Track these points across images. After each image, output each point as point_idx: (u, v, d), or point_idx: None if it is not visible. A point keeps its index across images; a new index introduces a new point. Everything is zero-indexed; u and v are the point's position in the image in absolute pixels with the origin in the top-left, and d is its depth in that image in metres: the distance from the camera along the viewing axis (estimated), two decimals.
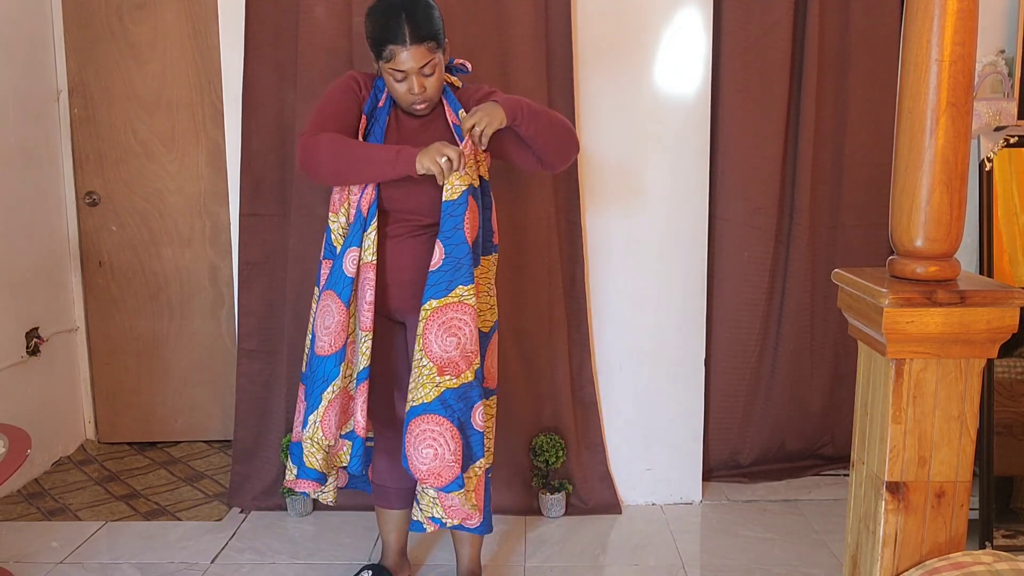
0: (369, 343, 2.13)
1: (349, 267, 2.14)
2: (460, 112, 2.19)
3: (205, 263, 3.52)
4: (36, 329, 3.25)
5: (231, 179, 2.89)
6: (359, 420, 2.14)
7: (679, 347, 2.97)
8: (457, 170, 2.03)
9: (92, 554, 2.69)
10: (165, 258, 3.51)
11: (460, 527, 2.20)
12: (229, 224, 3.02)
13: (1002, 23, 2.96)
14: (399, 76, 2.05)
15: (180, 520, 2.92)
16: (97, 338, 3.55)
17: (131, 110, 3.43)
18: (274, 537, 2.79)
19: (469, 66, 2.26)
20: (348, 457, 2.24)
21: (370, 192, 2.13)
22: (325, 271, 2.22)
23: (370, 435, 2.27)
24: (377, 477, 2.38)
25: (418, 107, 2.12)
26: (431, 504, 2.15)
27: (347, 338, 2.17)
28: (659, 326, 2.95)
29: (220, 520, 2.91)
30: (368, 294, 2.13)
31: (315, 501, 2.95)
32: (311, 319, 2.27)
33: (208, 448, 3.57)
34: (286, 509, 2.94)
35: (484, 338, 2.24)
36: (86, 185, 3.47)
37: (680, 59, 2.83)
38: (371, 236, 2.12)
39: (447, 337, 2.07)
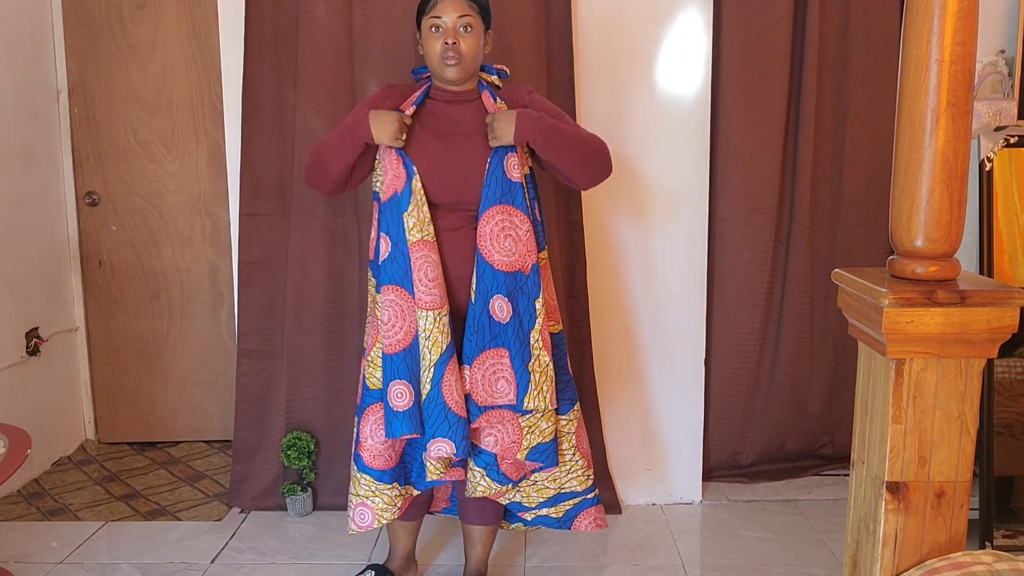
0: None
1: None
2: (499, 102, 2.20)
3: (205, 263, 3.52)
4: (36, 329, 3.25)
5: (231, 179, 2.89)
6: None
7: (679, 347, 2.97)
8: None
9: (92, 554, 2.69)
10: (165, 258, 3.51)
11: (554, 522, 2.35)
12: (229, 224, 3.02)
13: (1002, 23, 2.96)
14: (437, 26, 2.10)
15: (180, 520, 2.92)
16: (97, 338, 3.55)
17: (131, 110, 3.43)
18: (274, 537, 2.79)
19: (508, 71, 2.30)
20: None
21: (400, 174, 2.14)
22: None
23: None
24: None
25: (449, 62, 2.11)
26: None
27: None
28: (659, 326, 2.95)
29: (220, 520, 2.91)
30: (429, 271, 2.13)
31: (315, 500, 2.95)
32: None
33: (208, 448, 3.57)
34: (286, 509, 2.94)
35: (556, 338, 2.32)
36: (86, 185, 3.47)
37: (680, 59, 2.83)
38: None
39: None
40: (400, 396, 2.11)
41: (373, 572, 2.43)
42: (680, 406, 2.99)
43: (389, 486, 2.20)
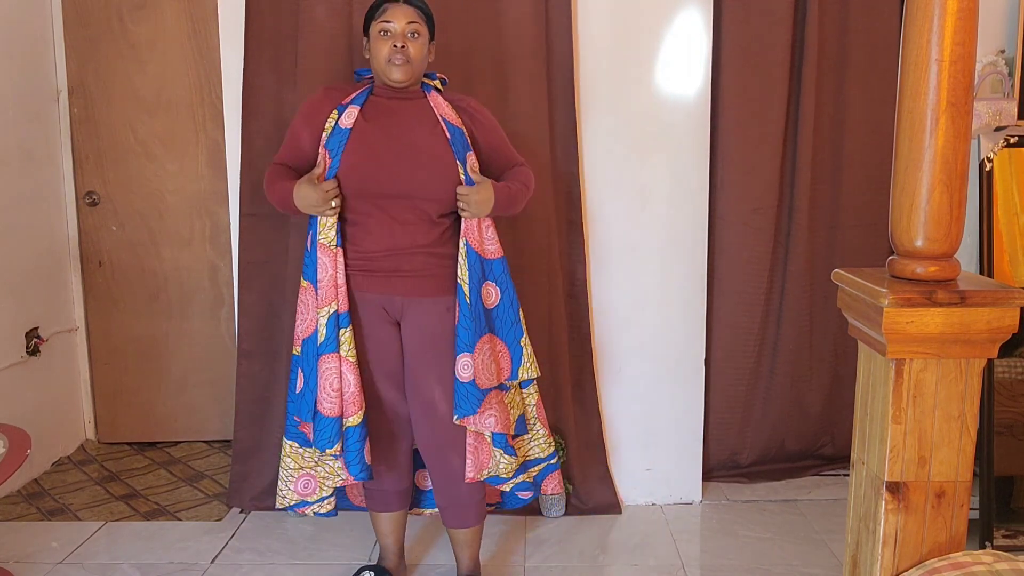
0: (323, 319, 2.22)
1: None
2: (447, 108, 2.27)
3: (205, 263, 3.52)
4: (36, 329, 3.25)
5: (231, 179, 2.89)
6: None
7: (679, 347, 2.97)
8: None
9: (92, 554, 2.69)
10: (165, 258, 3.51)
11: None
12: (229, 224, 3.02)
13: (1002, 23, 2.96)
14: (386, 31, 2.19)
15: (180, 520, 2.92)
16: (97, 338, 3.55)
17: (131, 110, 3.43)
18: (274, 537, 2.79)
19: (447, 79, 2.41)
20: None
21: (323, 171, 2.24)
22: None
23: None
24: (373, 482, 2.38)
25: (396, 62, 2.19)
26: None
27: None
28: (659, 326, 2.95)
29: (220, 520, 2.91)
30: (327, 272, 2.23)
31: None
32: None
33: (208, 448, 3.57)
34: (286, 509, 2.93)
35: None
36: (86, 185, 3.47)
37: (680, 59, 2.83)
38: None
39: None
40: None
41: (371, 573, 2.43)
42: (680, 406, 2.99)
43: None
